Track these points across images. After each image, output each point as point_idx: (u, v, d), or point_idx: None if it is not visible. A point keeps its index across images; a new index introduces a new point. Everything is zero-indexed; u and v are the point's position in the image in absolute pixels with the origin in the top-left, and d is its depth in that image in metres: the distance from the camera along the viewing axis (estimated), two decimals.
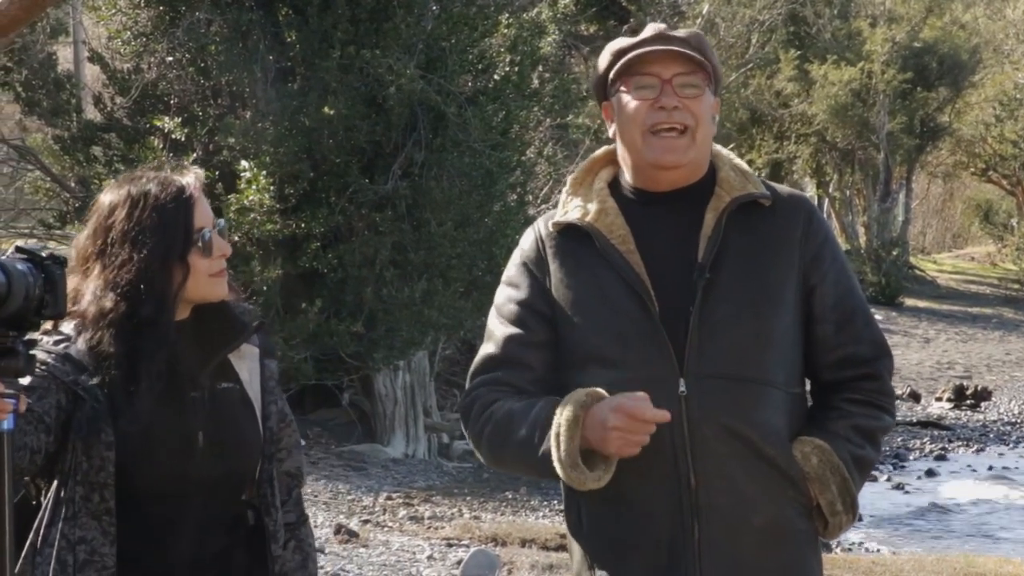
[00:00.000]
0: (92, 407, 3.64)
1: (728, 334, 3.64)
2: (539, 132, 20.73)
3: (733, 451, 3.63)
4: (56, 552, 3.66)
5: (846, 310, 3.74)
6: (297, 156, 16.29)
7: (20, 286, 3.35)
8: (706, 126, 3.74)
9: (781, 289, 3.68)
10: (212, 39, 16.82)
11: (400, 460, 16.87)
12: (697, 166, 3.77)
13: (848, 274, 3.79)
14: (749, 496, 3.64)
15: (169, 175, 3.81)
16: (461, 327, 17.42)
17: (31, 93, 18.70)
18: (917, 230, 54.77)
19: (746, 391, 3.63)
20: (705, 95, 3.74)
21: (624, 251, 3.72)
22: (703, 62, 3.74)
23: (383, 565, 11.29)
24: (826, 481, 3.65)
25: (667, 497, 3.64)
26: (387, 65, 16.01)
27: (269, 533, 3.86)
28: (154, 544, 3.73)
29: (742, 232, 3.71)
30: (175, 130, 16.27)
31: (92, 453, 3.66)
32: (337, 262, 16.32)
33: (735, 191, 3.73)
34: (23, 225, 21.97)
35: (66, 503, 3.67)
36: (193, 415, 3.77)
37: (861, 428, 3.71)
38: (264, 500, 3.88)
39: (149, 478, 3.70)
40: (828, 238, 3.78)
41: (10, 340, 3.37)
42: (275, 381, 3.97)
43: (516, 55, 17.59)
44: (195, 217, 3.77)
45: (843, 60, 39.51)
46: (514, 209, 17.93)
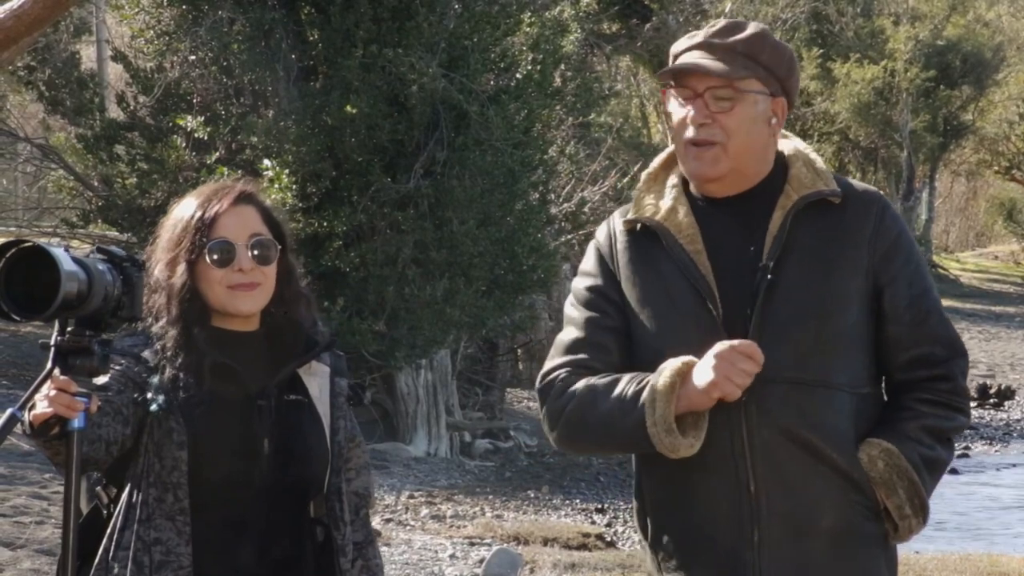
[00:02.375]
0: (161, 406, 3.69)
1: (789, 336, 3.62)
2: (561, 131, 20.72)
3: (793, 455, 3.62)
4: (132, 554, 3.68)
5: (920, 311, 3.69)
6: (319, 155, 16.30)
7: (100, 286, 3.38)
8: (742, 137, 3.68)
9: (846, 288, 3.64)
10: (235, 38, 16.84)
11: (422, 459, 16.88)
12: (741, 175, 3.74)
13: (922, 274, 3.73)
14: (811, 501, 3.62)
15: (218, 186, 3.89)
16: (483, 326, 17.42)
17: (54, 92, 18.76)
18: (940, 228, 54.63)
19: (807, 394, 3.61)
20: (742, 105, 3.69)
21: (691, 251, 3.72)
22: (746, 71, 3.70)
23: (405, 564, 11.30)
24: (892, 485, 3.61)
25: (728, 502, 3.65)
26: (409, 64, 16.02)
27: (337, 547, 3.87)
28: (219, 550, 3.75)
29: (809, 231, 3.68)
30: (198, 129, 16.31)
31: (164, 453, 3.70)
32: (359, 261, 16.33)
33: (804, 189, 3.70)
34: (46, 223, 22.03)
35: (140, 506, 3.70)
36: (260, 422, 3.80)
37: (932, 429, 3.66)
38: (333, 514, 3.88)
39: (214, 482, 3.73)
40: (901, 236, 3.71)
41: (86, 340, 3.40)
42: (344, 398, 4.01)
43: (538, 53, 17.58)
44: (216, 227, 3.80)
45: (866, 58, 39.45)
46: (536, 208, 17.92)
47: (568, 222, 20.45)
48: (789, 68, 3.76)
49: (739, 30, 3.74)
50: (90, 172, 18.64)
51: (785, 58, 3.75)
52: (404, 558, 11.48)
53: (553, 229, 19.51)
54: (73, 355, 3.39)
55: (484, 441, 18.35)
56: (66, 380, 3.37)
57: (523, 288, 17.84)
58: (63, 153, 19.24)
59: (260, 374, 3.82)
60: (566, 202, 20.53)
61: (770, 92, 3.72)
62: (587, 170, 21.28)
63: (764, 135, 3.73)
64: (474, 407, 19.34)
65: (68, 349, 3.39)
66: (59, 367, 3.38)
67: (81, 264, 3.35)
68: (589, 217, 21.06)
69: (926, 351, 3.68)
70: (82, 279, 3.33)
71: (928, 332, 3.69)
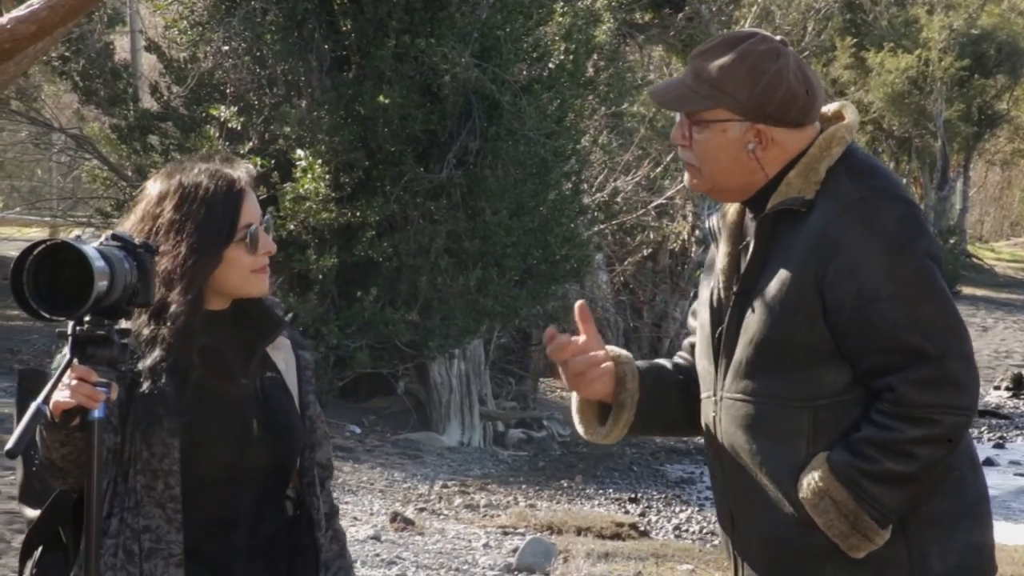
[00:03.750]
0: (150, 393, 3.66)
1: (743, 351, 3.64)
2: (594, 120, 20.70)
3: (740, 469, 3.68)
4: (121, 542, 3.66)
5: (867, 321, 3.54)
6: (352, 145, 16.33)
7: (121, 277, 3.37)
8: (712, 162, 3.70)
9: (798, 300, 3.57)
10: (268, 28, 16.88)
11: (455, 448, 16.89)
12: (725, 191, 3.77)
13: (879, 279, 3.55)
14: (758, 513, 3.67)
15: (220, 167, 3.81)
16: (516, 316, 17.42)
17: (88, 82, 18.80)
18: (974, 218, 54.41)
19: (754, 409, 3.64)
20: (710, 132, 3.69)
21: (724, 254, 3.79)
22: (709, 101, 3.69)
23: (439, 553, 11.31)
24: (815, 504, 3.57)
25: (720, 502, 3.83)
26: (442, 54, 16.02)
27: (314, 522, 3.87)
28: (213, 534, 3.75)
29: (782, 241, 3.65)
30: (231, 119, 16.34)
31: (153, 441, 3.66)
32: (392, 251, 16.34)
33: (779, 198, 3.67)
34: (80, 214, 22.11)
35: (128, 493, 3.68)
36: (247, 404, 3.79)
37: (877, 441, 3.54)
38: (310, 489, 3.88)
39: (207, 467, 3.71)
40: (852, 240, 3.56)
41: (105, 329, 3.39)
42: (311, 371, 3.99)
43: (571, 43, 17.57)
44: (243, 213, 3.78)
45: (900, 47, 39.29)
46: (569, 198, 17.91)
47: (601, 212, 20.44)
48: (764, 96, 3.66)
49: (721, 52, 3.70)
50: (124, 162, 18.70)
51: (760, 86, 3.65)
52: (438, 547, 11.49)
53: (586, 219, 19.50)
54: (91, 344, 3.37)
55: (517, 431, 18.35)
56: (86, 370, 3.35)
57: (556, 278, 17.85)
58: (97, 143, 19.30)
59: (237, 354, 3.80)
60: (599, 192, 20.51)
61: (744, 119, 3.68)
62: (620, 160, 21.25)
63: (741, 160, 3.70)
64: (507, 397, 19.34)
65: (86, 339, 3.37)
66: (77, 357, 3.36)
67: (104, 256, 3.34)
68: (622, 207, 21.05)
69: (878, 361, 3.56)
70: (107, 272, 3.33)
71: (881, 343, 3.55)
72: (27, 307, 3.31)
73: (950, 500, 3.65)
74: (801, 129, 3.70)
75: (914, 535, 3.61)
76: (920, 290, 3.58)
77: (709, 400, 3.77)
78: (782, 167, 3.70)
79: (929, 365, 3.53)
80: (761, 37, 3.74)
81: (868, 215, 3.59)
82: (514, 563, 11.00)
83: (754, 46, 3.70)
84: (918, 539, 3.61)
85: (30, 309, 3.31)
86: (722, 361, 3.70)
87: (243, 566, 3.78)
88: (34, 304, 3.30)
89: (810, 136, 3.71)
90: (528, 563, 10.93)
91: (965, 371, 3.57)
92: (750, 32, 3.79)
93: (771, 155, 3.69)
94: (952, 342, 3.57)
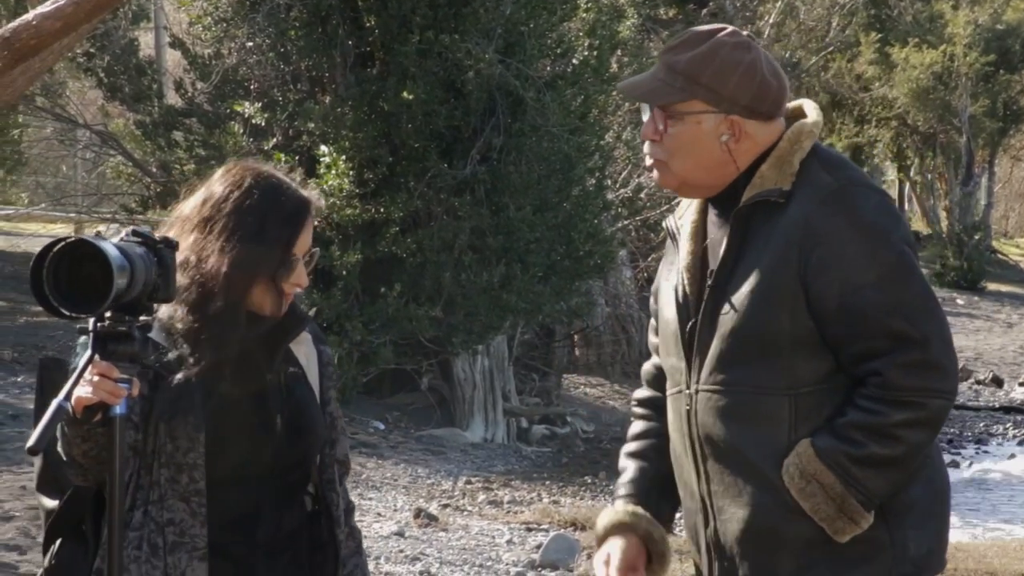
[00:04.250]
0: (175, 387, 3.66)
1: (720, 342, 3.66)
2: (618, 116, 20.70)
3: (720, 459, 3.70)
4: (145, 535, 3.67)
5: (853, 308, 3.58)
6: (376, 141, 16.34)
7: (141, 273, 3.36)
8: (683, 157, 3.73)
9: (778, 290, 3.60)
10: (292, 24, 16.90)
11: (479, 444, 16.89)
12: (695, 186, 3.79)
13: (863, 265, 3.59)
14: (739, 501, 3.68)
15: (294, 186, 3.82)
16: (539, 312, 17.42)
17: (113, 79, 18.86)
18: (999, 214, 54.22)
19: (734, 399, 3.66)
20: (683, 125, 3.72)
21: (687, 252, 3.81)
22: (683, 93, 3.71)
23: (463, 549, 11.31)
24: (802, 488, 3.60)
25: (691, 498, 3.81)
26: (466, 50, 16.03)
27: (334, 518, 3.89)
28: (235, 529, 3.75)
29: (758, 233, 3.67)
30: (255, 115, 16.38)
31: (177, 434, 3.66)
32: (416, 247, 16.35)
33: (754, 190, 3.69)
34: (105, 210, 22.17)
35: (152, 486, 3.68)
36: (272, 399, 3.79)
37: (864, 425, 3.58)
38: (330, 485, 3.90)
39: (231, 461, 3.71)
40: (837, 231, 3.61)
41: (126, 325, 3.38)
42: (332, 367, 4.00)
43: (595, 39, 17.56)
44: (298, 243, 3.77)
45: (924, 43, 39.16)
46: (593, 194, 17.91)
47: (625, 208, 20.43)
48: (740, 86, 3.69)
49: (693, 45, 3.74)
50: (148, 158, 18.76)
51: (735, 76, 3.69)
52: (461, 543, 11.50)
53: (610, 215, 19.49)
54: (113, 341, 3.37)
55: (541, 427, 18.34)
56: (108, 366, 3.35)
57: (580, 274, 17.84)
58: (122, 139, 19.37)
59: (261, 349, 3.80)
60: (623, 188, 20.50)
61: (719, 111, 3.71)
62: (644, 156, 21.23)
63: (714, 152, 3.72)
64: (531, 393, 19.34)
65: (108, 335, 3.37)
66: (99, 353, 3.36)
67: (124, 253, 3.33)
68: (646, 203, 21.03)
69: (863, 347, 3.60)
70: (127, 269, 3.32)
71: (866, 328, 3.59)
72: (47, 305, 3.30)
73: (924, 487, 3.71)
74: (771, 122, 3.74)
75: (894, 519, 3.66)
76: (901, 276, 3.63)
77: (680, 395, 3.78)
78: (752, 160, 3.73)
79: (914, 349, 3.59)
80: (731, 31, 3.78)
81: (848, 204, 3.64)
82: (538, 559, 11.00)
83: (726, 39, 3.74)
84: (899, 523, 3.66)
85: (50, 307, 3.30)
86: (696, 355, 3.72)
87: (265, 562, 3.79)
88: (54, 302, 3.29)
89: (778, 130, 3.75)
90: (552, 559, 10.94)
91: (947, 355, 3.64)
92: (719, 26, 3.81)
93: (743, 148, 3.72)
94: (934, 326, 3.63)
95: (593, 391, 21.18)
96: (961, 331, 31.94)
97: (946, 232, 41.29)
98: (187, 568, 3.67)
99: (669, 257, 3.91)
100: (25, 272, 15.16)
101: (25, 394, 14.67)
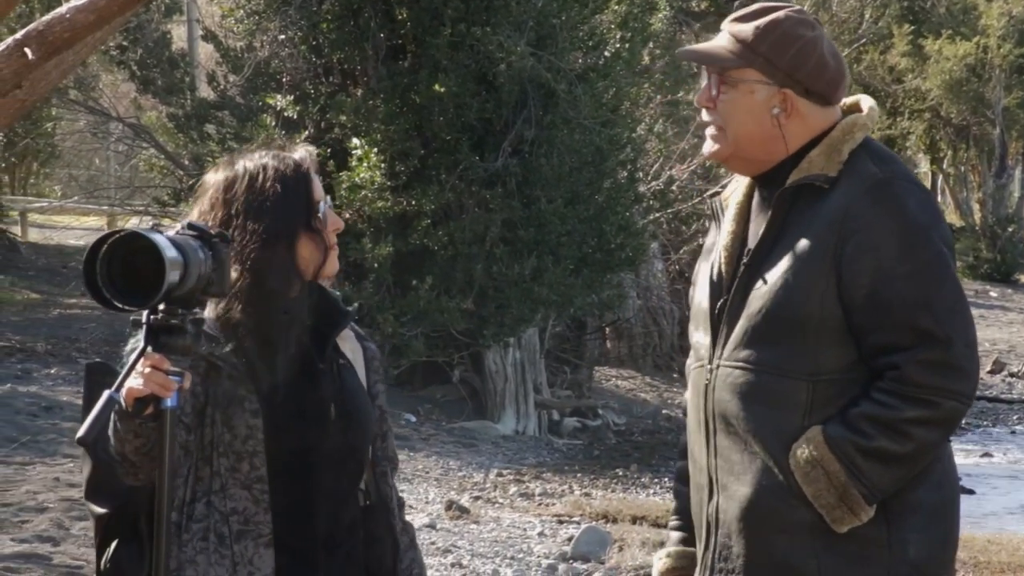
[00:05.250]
0: (230, 376, 3.67)
1: (748, 320, 3.68)
2: (649, 109, 20.66)
3: (729, 435, 3.71)
4: (211, 524, 3.67)
5: (882, 298, 3.59)
6: (408, 134, 16.36)
7: (195, 267, 3.37)
8: (736, 125, 3.75)
9: (811, 275, 3.62)
10: (324, 17, 16.93)
11: (510, 437, 16.90)
12: (745, 160, 3.81)
13: (899, 258, 3.61)
14: (743, 479, 3.69)
15: (281, 151, 3.83)
16: (571, 304, 17.41)
17: (146, 72, 18.93)
18: None
19: (753, 378, 3.67)
20: (737, 93, 3.75)
21: (728, 231, 3.83)
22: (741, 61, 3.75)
23: (494, 541, 11.32)
24: (807, 474, 3.61)
25: (700, 473, 3.82)
26: (497, 42, 16.02)
27: (391, 511, 3.92)
28: (294, 521, 3.75)
29: (800, 217, 3.69)
30: (287, 108, 16.41)
31: (235, 423, 3.67)
32: (447, 239, 16.36)
33: (800, 174, 3.71)
34: (138, 203, 22.23)
35: (212, 476, 3.68)
36: (326, 387, 3.79)
37: (876, 418, 3.58)
38: (384, 479, 3.92)
39: (287, 449, 3.72)
40: (877, 218, 3.62)
41: (179, 318, 3.38)
42: (378, 362, 4.02)
43: (627, 31, 17.54)
44: (314, 189, 3.79)
45: (958, 35, 39.01)
46: (624, 186, 17.89)
47: (656, 200, 20.39)
48: (797, 59, 3.73)
49: (757, 16, 3.77)
50: (181, 151, 18.81)
51: (793, 49, 3.73)
52: (493, 535, 11.51)
53: (641, 207, 19.46)
54: (165, 333, 3.36)
55: (572, 419, 18.34)
56: (160, 358, 3.35)
57: (611, 267, 17.83)
58: (154, 132, 19.42)
59: (310, 339, 3.81)
60: (654, 180, 20.46)
61: (773, 82, 3.74)
62: (675, 148, 21.18)
63: (764, 124, 3.75)
64: (562, 385, 19.34)
65: (160, 327, 3.37)
66: (151, 345, 3.36)
67: (178, 247, 3.33)
68: (677, 195, 20.99)
69: (886, 339, 3.60)
70: (180, 262, 3.32)
71: (892, 320, 3.60)
72: (100, 297, 3.31)
73: (933, 491, 3.70)
74: (825, 108, 3.77)
75: (896, 519, 3.66)
76: (935, 274, 3.64)
77: (702, 369, 3.80)
78: (803, 144, 3.76)
79: (936, 347, 3.59)
80: (797, 8, 3.83)
81: (892, 196, 3.66)
82: (569, 552, 11.00)
83: (790, 14, 3.78)
84: (899, 523, 3.66)
85: (103, 299, 3.30)
86: (722, 330, 3.74)
87: (325, 554, 3.79)
88: (107, 293, 3.30)
89: (832, 119, 3.78)
90: (583, 552, 10.94)
91: (968, 358, 3.63)
92: (785, 3, 3.85)
93: (794, 127, 3.75)
94: (959, 328, 3.63)
95: (624, 383, 21.17)
96: (994, 323, 31.81)
97: (979, 224, 41.15)
98: (254, 556, 3.68)
99: (710, 237, 3.93)
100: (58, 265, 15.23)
101: (59, 386, 14.74)
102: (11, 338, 17.63)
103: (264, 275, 3.69)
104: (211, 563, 3.66)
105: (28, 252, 25.69)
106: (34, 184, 33.96)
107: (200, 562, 3.66)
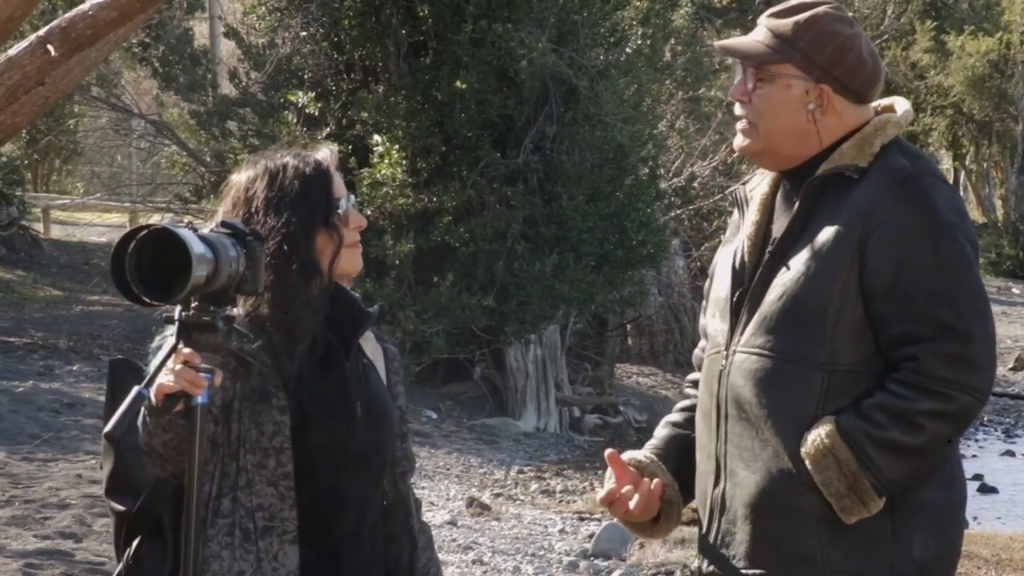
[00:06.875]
0: (259, 372, 3.67)
1: (768, 306, 3.69)
2: (671, 105, 20.64)
3: (740, 421, 3.72)
4: (236, 520, 3.67)
5: (905, 290, 3.60)
6: (429, 130, 16.37)
7: (226, 264, 3.37)
8: (770, 120, 3.77)
9: (834, 265, 3.63)
10: (345, 14, 16.94)
11: (531, 434, 16.90)
12: (776, 155, 3.81)
13: (924, 251, 3.62)
14: (753, 466, 3.69)
15: (302, 150, 3.84)
16: (592, 301, 17.41)
17: (168, 68, 18.97)
18: None
19: (770, 365, 3.67)
20: (772, 87, 3.77)
21: (752, 221, 3.84)
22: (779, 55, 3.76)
23: (515, 538, 11.33)
24: (819, 462, 3.60)
25: (707, 459, 3.81)
26: (519, 39, 16.02)
27: (409, 510, 3.93)
28: (323, 515, 3.75)
29: (826, 207, 3.70)
30: (309, 104, 16.43)
31: (262, 419, 3.66)
32: (469, 236, 16.37)
33: (830, 165, 3.72)
34: (160, 199, 22.29)
35: (239, 472, 3.68)
36: (352, 386, 3.79)
37: (891, 409, 3.58)
38: (403, 479, 3.93)
39: (315, 446, 3.72)
40: (904, 211, 3.63)
41: (210, 315, 3.39)
42: (398, 363, 4.02)
43: (648, 28, 17.54)
44: (335, 185, 3.79)
45: (980, 31, 38.95)
46: (646, 183, 17.88)
47: (678, 197, 20.39)
48: (835, 56, 3.74)
49: (796, 12, 3.79)
50: (203, 148, 18.85)
51: (832, 45, 3.74)
52: (514, 532, 11.52)
53: (663, 204, 19.45)
54: (197, 330, 3.37)
55: (593, 416, 18.34)
56: (191, 354, 3.35)
57: (632, 263, 17.82)
58: (176, 129, 19.47)
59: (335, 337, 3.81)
60: (676, 177, 20.45)
61: (810, 78, 3.75)
62: (697, 145, 21.17)
63: (799, 120, 3.76)
64: (583, 382, 19.33)
65: (192, 324, 3.37)
66: (182, 342, 3.36)
67: (208, 244, 3.33)
68: (699, 192, 20.98)
69: (905, 330, 3.61)
70: (210, 259, 3.32)
71: (913, 312, 3.60)
72: (128, 292, 3.31)
73: (942, 492, 3.70)
74: (860, 106, 3.78)
75: (902, 517, 3.65)
76: (958, 269, 3.64)
77: (717, 355, 3.80)
78: (836, 139, 3.76)
79: (955, 341, 3.59)
80: (836, 5, 3.83)
81: (919, 190, 3.67)
82: (590, 549, 11.00)
83: (829, 11, 3.79)
84: (905, 521, 3.65)
85: (131, 294, 3.31)
86: (742, 317, 3.74)
87: (349, 551, 3.79)
88: (135, 289, 3.30)
89: (865, 117, 3.78)
90: (604, 549, 10.94)
91: (987, 355, 3.63)
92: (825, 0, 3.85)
93: (828, 123, 3.76)
94: (979, 324, 3.63)
95: (646, 380, 21.16)
96: (1017, 320, 31.75)
97: (1002, 221, 41.08)
98: (279, 552, 3.68)
99: (733, 226, 3.94)
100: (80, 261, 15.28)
101: (80, 383, 14.77)
102: (33, 335, 17.68)
103: (284, 271, 3.69)
104: (236, 558, 3.65)
105: (50, 249, 25.76)
106: (56, 181, 34.07)
107: (225, 557, 3.65)
